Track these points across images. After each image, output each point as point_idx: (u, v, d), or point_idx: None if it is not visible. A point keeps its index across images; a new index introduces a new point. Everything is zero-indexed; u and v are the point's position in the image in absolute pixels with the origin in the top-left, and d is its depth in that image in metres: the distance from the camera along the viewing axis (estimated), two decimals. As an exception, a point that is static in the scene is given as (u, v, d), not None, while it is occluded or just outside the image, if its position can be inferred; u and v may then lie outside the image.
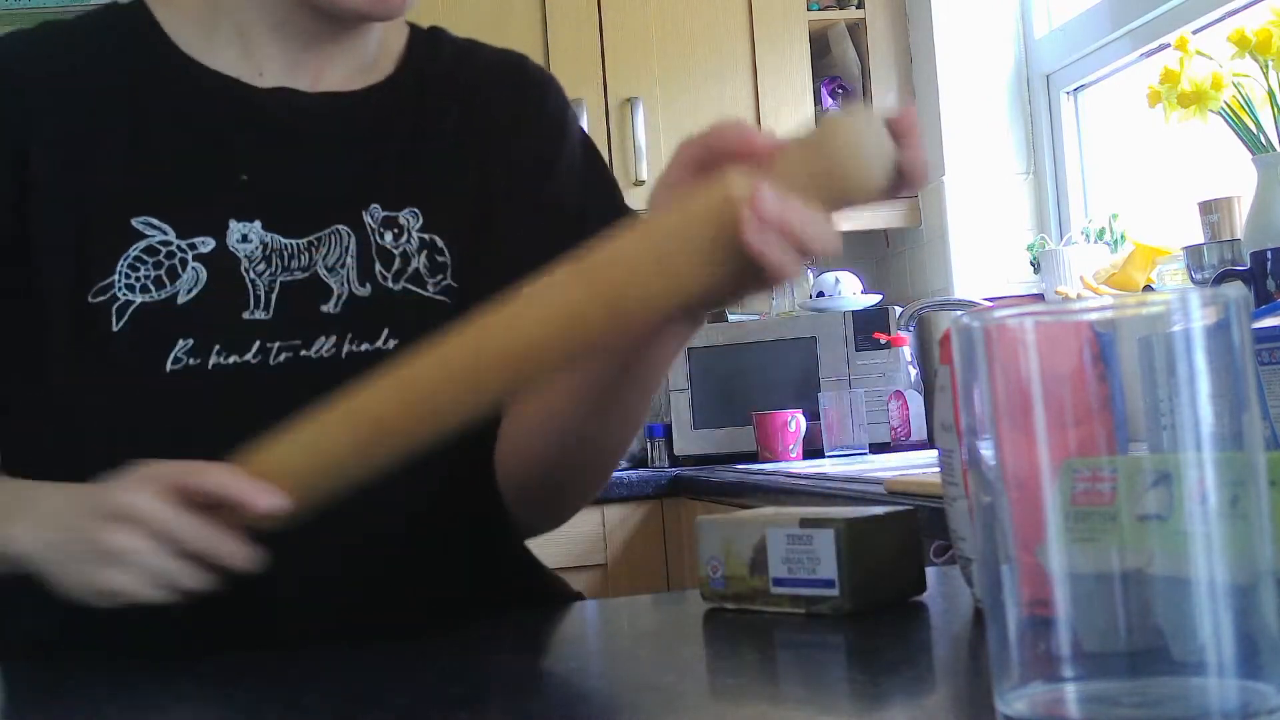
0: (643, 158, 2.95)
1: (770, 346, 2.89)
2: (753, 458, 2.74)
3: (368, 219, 0.94)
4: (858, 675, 0.57)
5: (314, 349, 0.91)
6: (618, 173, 2.95)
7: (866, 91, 3.14)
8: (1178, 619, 0.41)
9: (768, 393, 2.86)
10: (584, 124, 3.10)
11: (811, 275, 3.14)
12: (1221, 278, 1.76)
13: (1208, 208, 2.02)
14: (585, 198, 1.03)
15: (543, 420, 0.93)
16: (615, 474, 2.80)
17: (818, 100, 3.11)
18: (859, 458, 2.57)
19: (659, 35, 3.01)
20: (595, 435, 0.93)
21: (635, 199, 3.15)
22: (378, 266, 0.94)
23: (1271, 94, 1.81)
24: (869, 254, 3.37)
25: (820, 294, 3.00)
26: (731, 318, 3.08)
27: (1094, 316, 0.43)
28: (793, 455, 2.68)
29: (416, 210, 0.96)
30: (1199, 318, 0.42)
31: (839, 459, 2.59)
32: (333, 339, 0.91)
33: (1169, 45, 1.98)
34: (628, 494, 2.69)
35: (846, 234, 3.46)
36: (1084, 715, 0.43)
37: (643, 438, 3.09)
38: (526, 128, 1.03)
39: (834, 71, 3.23)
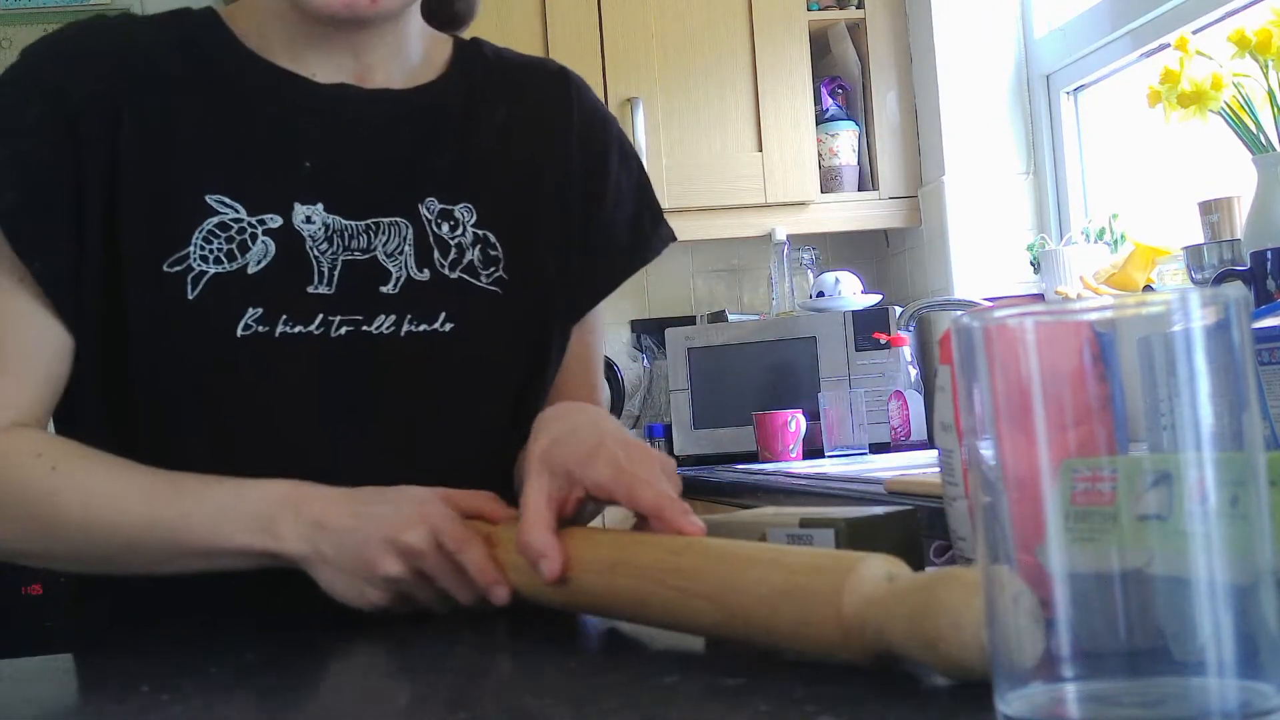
0: (642, 158, 2.95)
1: (770, 346, 2.89)
2: (753, 458, 2.73)
3: (424, 210, 1.01)
4: (858, 675, 0.57)
5: (374, 325, 0.97)
6: (618, 173, 2.94)
7: (866, 91, 3.14)
8: (1178, 619, 0.41)
9: (768, 393, 2.86)
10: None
11: (812, 275, 3.14)
12: (1221, 278, 1.76)
13: (1208, 208, 2.02)
14: (636, 220, 1.13)
15: None
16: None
17: (818, 100, 3.12)
18: (859, 458, 2.57)
19: (659, 35, 3.01)
20: None
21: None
22: (435, 255, 1.00)
23: (1271, 94, 1.81)
24: (869, 254, 3.37)
25: (820, 294, 3.00)
26: (732, 317, 3.09)
27: (1094, 316, 0.43)
28: (793, 455, 2.68)
29: (470, 206, 1.02)
30: (1199, 318, 0.42)
31: (839, 459, 2.58)
32: (392, 317, 0.98)
33: (1169, 45, 1.98)
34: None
35: (847, 234, 3.47)
36: (1084, 715, 0.43)
37: (642, 438, 3.09)
38: (573, 133, 1.09)
39: (834, 71, 3.23)
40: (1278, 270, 1.69)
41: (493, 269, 1.02)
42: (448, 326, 0.99)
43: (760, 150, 3.03)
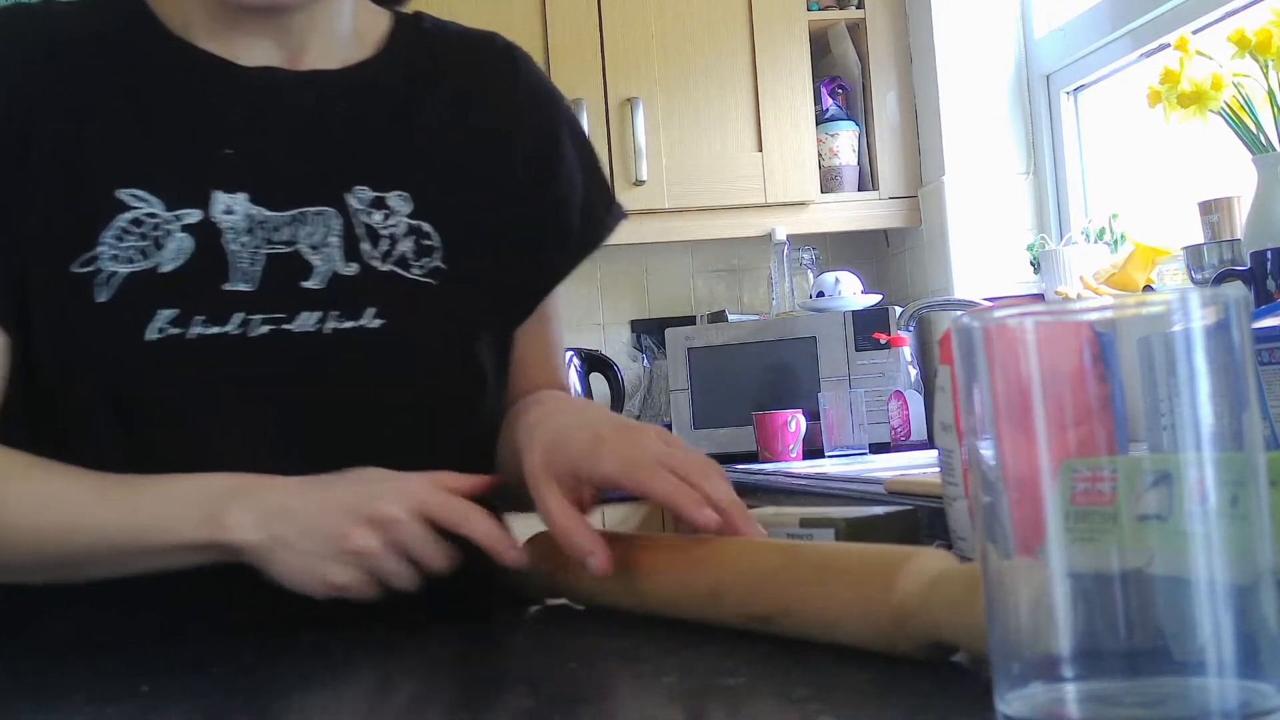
0: (642, 158, 2.95)
1: (770, 346, 2.89)
2: (753, 458, 2.74)
3: (352, 201, 0.95)
4: (858, 675, 0.57)
5: (296, 323, 0.92)
6: (617, 173, 2.95)
7: (866, 91, 3.14)
8: (1178, 619, 0.41)
9: (768, 393, 2.86)
10: (585, 124, 3.10)
11: (812, 275, 3.14)
12: (1221, 278, 1.76)
13: (1208, 208, 2.02)
14: (588, 202, 1.06)
15: None
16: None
17: (818, 100, 3.12)
18: (859, 458, 2.57)
19: (659, 35, 3.01)
20: None
21: (635, 199, 3.16)
22: (364, 245, 0.95)
23: (1271, 94, 1.81)
24: (869, 254, 3.37)
25: (820, 294, 3.00)
26: (732, 317, 3.09)
27: (1094, 316, 0.43)
28: (793, 455, 2.68)
29: (406, 194, 0.97)
30: (1199, 318, 0.42)
31: (839, 459, 2.59)
32: (316, 314, 0.92)
33: (1169, 45, 1.98)
34: (628, 494, 2.68)
35: (847, 234, 3.47)
36: (1084, 715, 0.43)
37: (643, 438, 3.08)
38: (521, 109, 1.04)
39: (834, 71, 3.23)
40: (1278, 270, 1.69)
41: (426, 260, 0.96)
42: (376, 323, 0.93)
43: (760, 150, 3.03)
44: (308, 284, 0.93)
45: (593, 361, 2.98)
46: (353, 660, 0.78)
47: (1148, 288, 2.24)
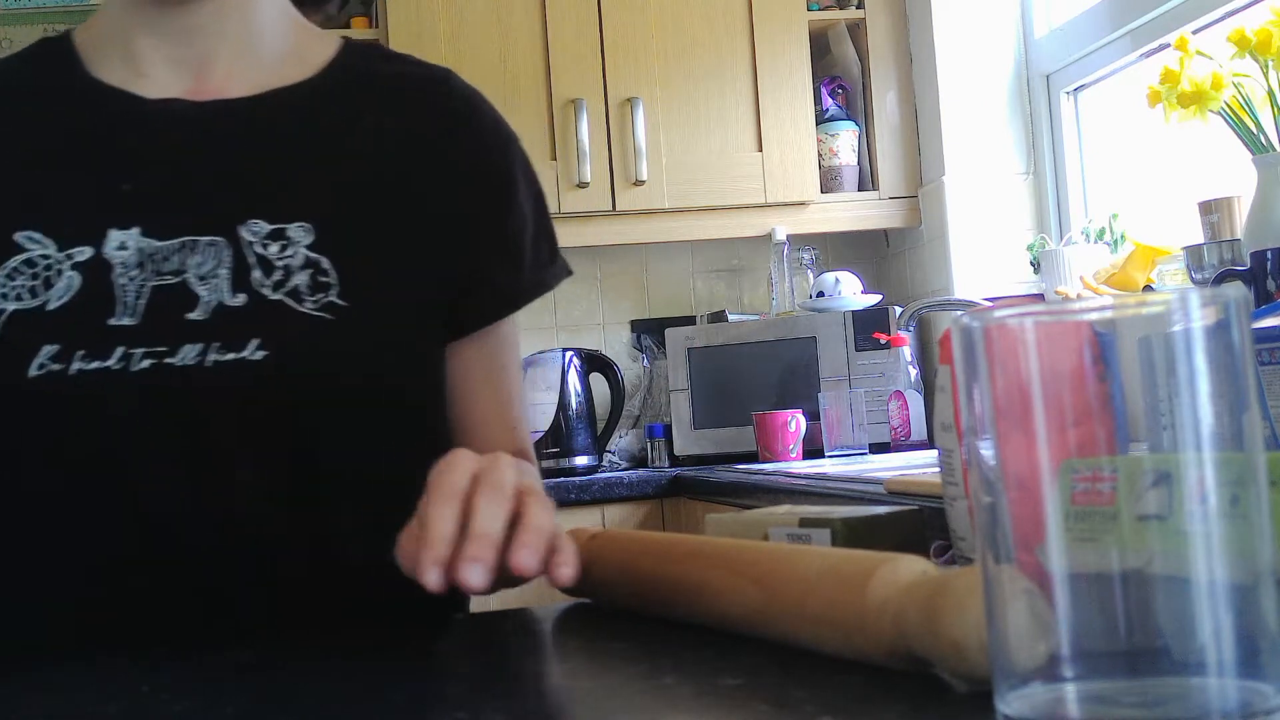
0: (643, 158, 2.95)
1: (770, 346, 2.89)
2: (753, 458, 2.74)
3: (245, 233, 0.93)
4: (858, 675, 0.57)
5: (178, 356, 0.90)
6: (617, 173, 2.95)
7: (866, 91, 3.14)
8: (1178, 619, 0.41)
9: (768, 393, 2.86)
10: (584, 125, 3.09)
11: (812, 275, 3.14)
12: (1221, 278, 1.76)
13: (1208, 208, 2.02)
14: (535, 248, 1.05)
15: None
16: (616, 473, 2.82)
17: (818, 100, 3.12)
18: (859, 458, 2.57)
19: (659, 35, 3.01)
20: None
21: (635, 200, 3.16)
22: (257, 274, 0.93)
23: (1271, 94, 1.81)
24: (869, 254, 3.37)
25: (820, 294, 3.00)
26: (732, 317, 3.09)
27: (1094, 316, 0.43)
28: (793, 455, 2.68)
29: (309, 225, 0.94)
30: (1199, 318, 0.42)
31: (839, 459, 2.59)
32: (198, 347, 0.90)
33: (1169, 45, 1.98)
34: (628, 494, 2.69)
35: (847, 234, 3.47)
36: (1084, 715, 0.43)
37: (643, 438, 3.09)
38: (464, 151, 1.02)
39: (834, 71, 3.23)
40: (1278, 270, 1.69)
41: (321, 295, 0.92)
42: (259, 355, 0.90)
43: (760, 150, 3.03)
44: (192, 315, 0.91)
45: (593, 361, 2.98)
46: (352, 661, 0.78)
47: (1148, 288, 2.24)
